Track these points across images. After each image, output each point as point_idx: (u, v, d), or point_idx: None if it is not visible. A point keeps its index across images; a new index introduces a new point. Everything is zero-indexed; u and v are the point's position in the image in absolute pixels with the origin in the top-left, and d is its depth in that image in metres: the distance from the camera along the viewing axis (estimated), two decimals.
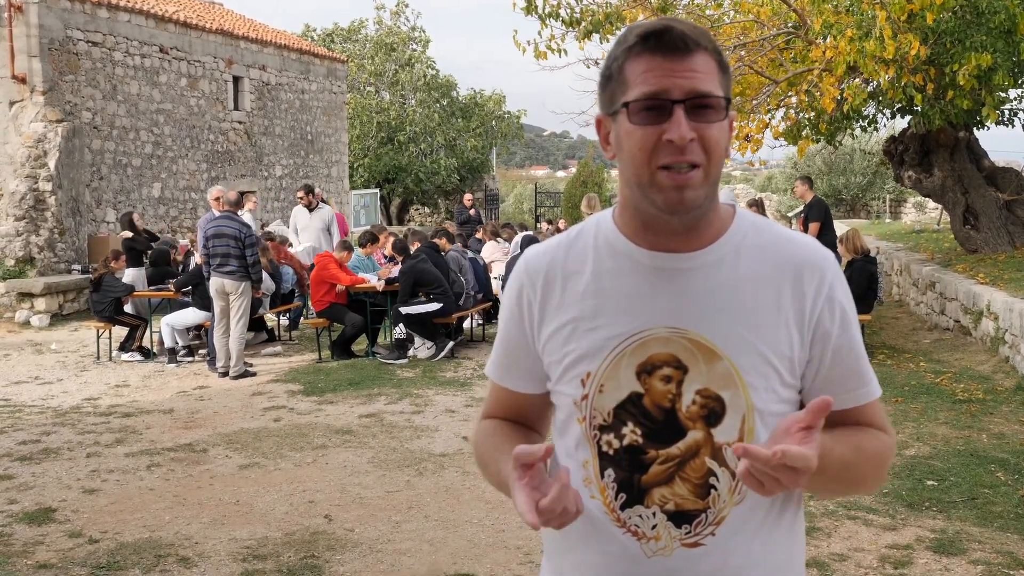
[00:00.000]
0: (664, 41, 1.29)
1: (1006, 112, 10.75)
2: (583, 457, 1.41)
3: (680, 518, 1.36)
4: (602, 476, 1.40)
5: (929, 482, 5.31)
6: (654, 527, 1.37)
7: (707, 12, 10.86)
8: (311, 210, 12.53)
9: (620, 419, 1.37)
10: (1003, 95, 10.24)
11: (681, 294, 1.36)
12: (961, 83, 8.91)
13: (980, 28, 9.14)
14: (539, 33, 10.13)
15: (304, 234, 12.69)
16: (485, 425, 1.58)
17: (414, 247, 10.15)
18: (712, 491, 1.36)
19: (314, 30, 31.36)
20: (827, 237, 10.12)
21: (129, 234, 11.75)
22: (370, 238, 11.21)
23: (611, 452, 1.38)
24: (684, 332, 1.35)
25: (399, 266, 10.21)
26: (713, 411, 1.35)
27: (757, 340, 1.35)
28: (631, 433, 1.37)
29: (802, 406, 1.41)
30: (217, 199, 9.97)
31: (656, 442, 1.36)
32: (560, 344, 1.42)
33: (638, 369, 1.37)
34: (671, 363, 1.36)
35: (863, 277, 8.85)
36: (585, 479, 1.42)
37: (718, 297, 1.36)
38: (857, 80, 9.22)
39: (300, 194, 12.69)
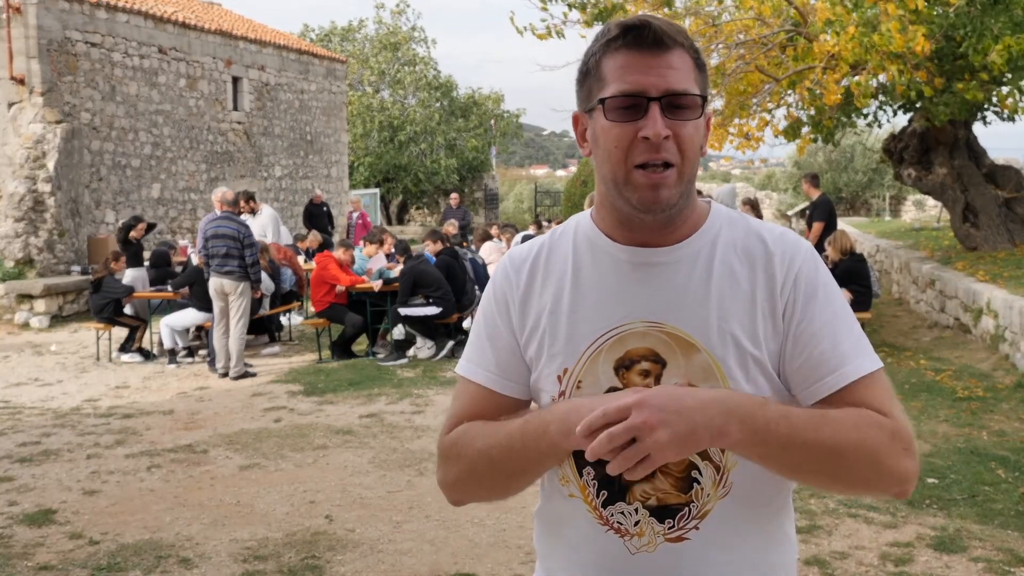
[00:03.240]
0: (641, 37, 1.30)
1: (1021, 104, 10.64)
2: None
3: (663, 513, 1.36)
4: (580, 474, 1.39)
5: (930, 480, 5.31)
6: (637, 523, 1.36)
7: (707, 8, 10.84)
8: (253, 215, 12.52)
9: None
10: None
11: (658, 288, 1.36)
12: (997, 63, 8.69)
13: (997, 16, 9.04)
14: (541, 19, 10.16)
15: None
16: (464, 427, 1.45)
17: (437, 247, 10.17)
18: (695, 485, 1.35)
19: (312, 30, 31.39)
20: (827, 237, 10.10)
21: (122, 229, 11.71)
22: (370, 238, 11.23)
23: None
24: (661, 326, 1.35)
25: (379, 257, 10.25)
26: None
27: (735, 331, 1.34)
28: None
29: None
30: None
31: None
32: (538, 340, 1.41)
33: (616, 364, 1.36)
34: (649, 357, 1.35)
35: (848, 277, 8.85)
36: (562, 478, 1.41)
37: (695, 290, 1.36)
38: (859, 77, 9.19)
39: (241, 203, 12.75)
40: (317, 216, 17.05)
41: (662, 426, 1.18)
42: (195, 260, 10.46)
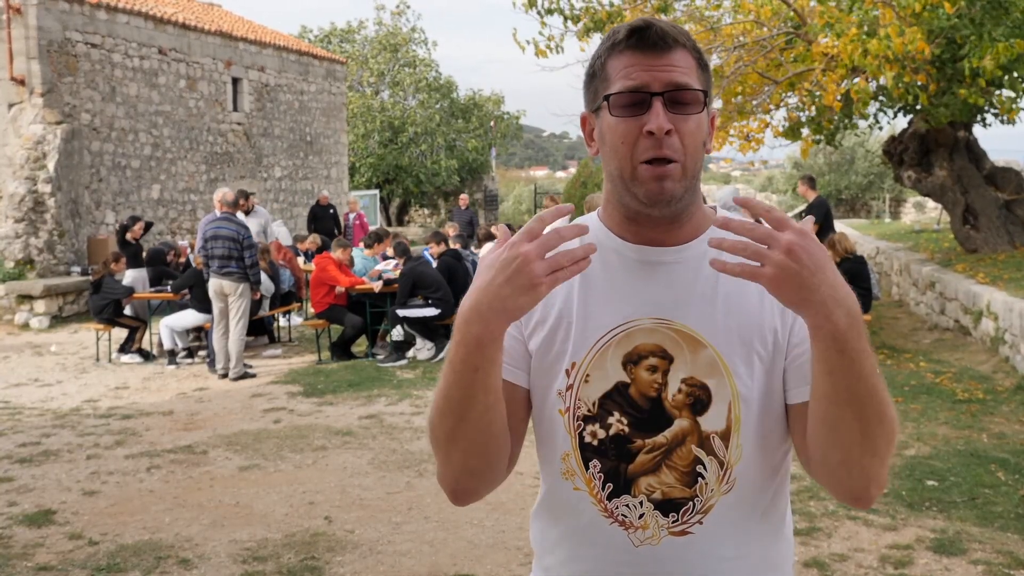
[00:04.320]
0: (645, 38, 1.34)
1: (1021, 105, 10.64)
2: (563, 450, 1.42)
3: (667, 507, 1.38)
4: (586, 467, 1.40)
5: (929, 482, 5.31)
6: (641, 516, 1.38)
7: (706, 13, 10.85)
8: (247, 214, 12.40)
9: (606, 409, 1.39)
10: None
11: (666, 286, 1.39)
12: (988, 68, 8.73)
13: (996, 20, 9.05)
14: (540, 32, 10.15)
15: None
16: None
17: (439, 248, 10.15)
18: (699, 479, 1.37)
19: (311, 31, 31.38)
20: (823, 238, 10.09)
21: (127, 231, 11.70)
22: (376, 239, 11.22)
23: (595, 442, 1.39)
24: (669, 323, 1.38)
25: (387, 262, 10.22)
26: (699, 399, 1.37)
27: (741, 328, 1.37)
28: (617, 423, 1.38)
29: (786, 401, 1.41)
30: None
31: (642, 431, 1.38)
32: (546, 336, 1.43)
33: (624, 359, 1.39)
34: (657, 353, 1.38)
35: (848, 278, 8.84)
36: (567, 471, 1.42)
37: (702, 288, 1.39)
38: (859, 80, 9.19)
39: (241, 201, 12.58)
40: (323, 218, 16.67)
41: (798, 260, 1.16)
42: (194, 261, 10.48)
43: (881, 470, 1.31)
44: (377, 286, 9.91)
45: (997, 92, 9.99)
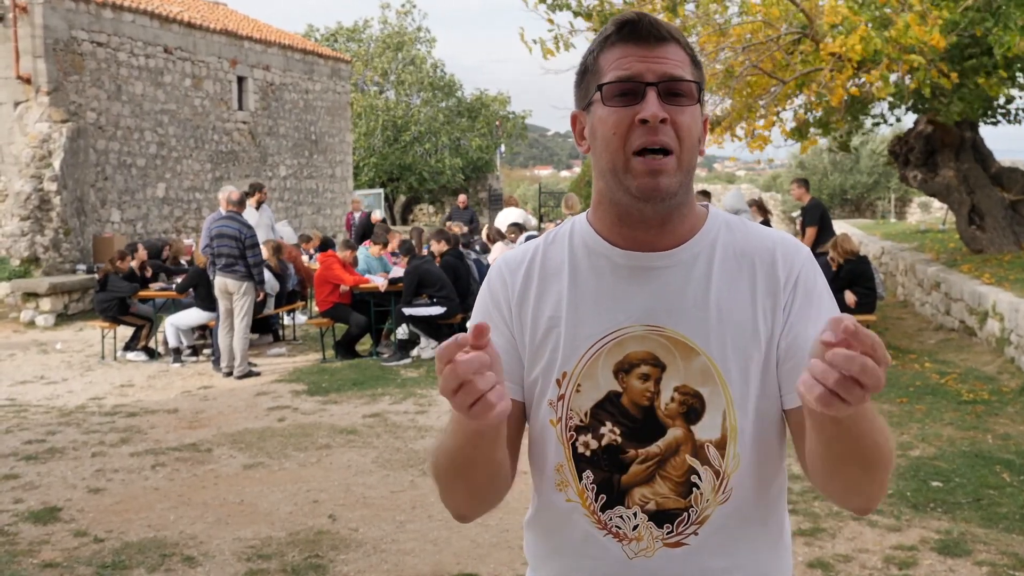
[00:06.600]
0: (637, 30, 1.32)
1: None
2: (557, 461, 1.40)
3: (662, 518, 1.35)
4: (580, 478, 1.38)
5: (934, 483, 5.30)
6: (635, 528, 1.36)
7: (715, 17, 10.79)
8: (258, 208, 12.36)
9: (598, 419, 1.36)
10: None
11: (657, 292, 1.36)
12: (1014, 52, 8.61)
13: (1020, 6, 8.98)
14: (548, 32, 10.09)
15: (256, 231, 12.60)
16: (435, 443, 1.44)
17: (442, 246, 10.13)
18: (694, 490, 1.35)
19: (317, 30, 31.40)
20: (824, 239, 10.04)
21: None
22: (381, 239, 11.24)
23: (588, 453, 1.37)
24: (661, 330, 1.35)
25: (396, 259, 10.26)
26: (692, 408, 1.34)
27: (734, 334, 1.34)
28: (610, 433, 1.36)
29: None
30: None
31: (635, 441, 1.35)
32: (536, 345, 1.40)
33: (615, 368, 1.36)
34: (648, 361, 1.35)
35: (852, 278, 8.84)
36: (560, 483, 1.40)
37: (694, 294, 1.36)
38: (876, 71, 9.11)
39: (257, 194, 12.58)
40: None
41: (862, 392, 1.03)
42: (197, 259, 10.49)
43: (881, 491, 1.30)
44: (382, 285, 9.92)
45: (1010, 87, 9.91)
